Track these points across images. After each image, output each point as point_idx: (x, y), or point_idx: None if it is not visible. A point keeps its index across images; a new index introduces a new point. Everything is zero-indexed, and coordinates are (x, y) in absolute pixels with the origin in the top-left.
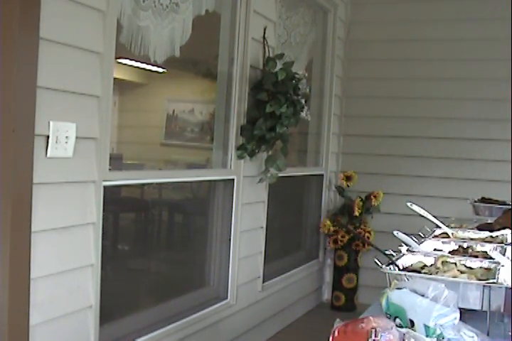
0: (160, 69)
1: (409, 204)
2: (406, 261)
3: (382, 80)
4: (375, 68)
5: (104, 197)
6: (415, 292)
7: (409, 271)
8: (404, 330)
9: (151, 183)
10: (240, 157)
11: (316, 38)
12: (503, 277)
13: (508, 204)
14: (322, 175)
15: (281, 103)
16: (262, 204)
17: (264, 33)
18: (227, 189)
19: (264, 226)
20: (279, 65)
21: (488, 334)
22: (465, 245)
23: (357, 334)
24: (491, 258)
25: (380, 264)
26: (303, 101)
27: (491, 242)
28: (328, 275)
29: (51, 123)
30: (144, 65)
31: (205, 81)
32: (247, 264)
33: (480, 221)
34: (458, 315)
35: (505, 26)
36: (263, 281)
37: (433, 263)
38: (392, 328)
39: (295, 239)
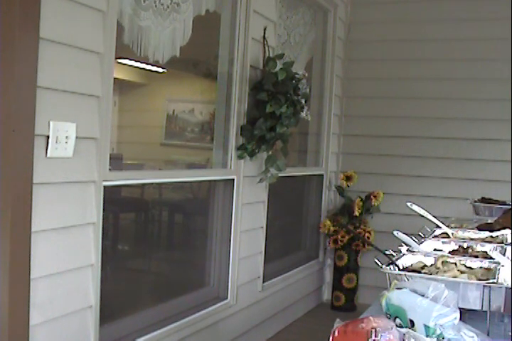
0: (160, 70)
1: (409, 204)
2: (406, 261)
3: (382, 80)
4: (375, 68)
5: (104, 197)
6: (415, 292)
7: (409, 271)
8: (404, 330)
9: (151, 183)
10: (240, 157)
11: (316, 38)
12: (503, 277)
13: (508, 204)
14: (322, 175)
15: (281, 103)
16: (262, 204)
17: (264, 33)
18: (227, 189)
19: (264, 226)
20: (279, 65)
21: (488, 334)
22: (465, 245)
23: (357, 334)
24: (491, 258)
25: (380, 264)
26: (303, 101)
27: (491, 242)
28: (328, 275)
29: (51, 123)
30: (144, 65)
31: (205, 81)
32: (247, 264)
33: (480, 221)
34: (458, 315)
35: (505, 26)
36: (263, 281)
37: (433, 263)
38: (392, 328)
39: (295, 239)
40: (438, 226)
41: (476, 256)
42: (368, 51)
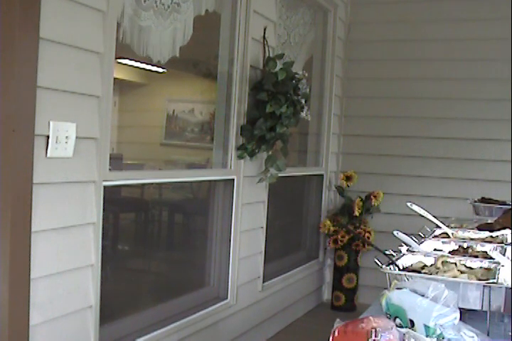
0: (160, 70)
1: (409, 204)
2: (406, 261)
3: (382, 80)
4: (375, 68)
5: (104, 197)
6: (415, 292)
7: (409, 271)
8: (404, 330)
9: (151, 183)
10: (240, 157)
11: (316, 37)
12: (503, 277)
13: (508, 204)
14: (322, 175)
15: (281, 103)
16: (262, 204)
17: (264, 33)
18: (227, 189)
19: (264, 226)
20: (279, 65)
21: (488, 334)
22: (465, 245)
23: (357, 334)
24: (491, 258)
25: (380, 264)
26: (303, 101)
27: (491, 242)
28: (328, 275)
29: (51, 123)
30: (144, 65)
31: (205, 81)
32: (247, 264)
33: (480, 221)
34: (458, 315)
35: (505, 26)
36: (263, 281)
37: (433, 263)
38: (392, 328)
39: (295, 239)
40: (438, 226)
41: (476, 256)
42: (368, 51)
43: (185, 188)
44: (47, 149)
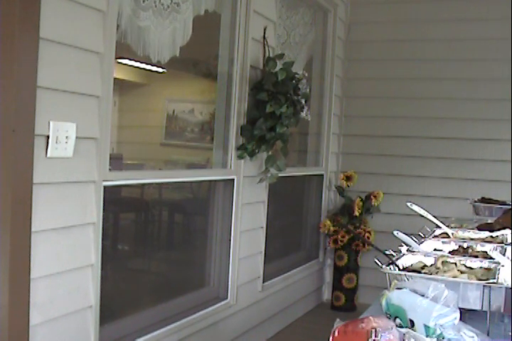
0: (160, 70)
1: (409, 204)
2: (406, 261)
3: (382, 80)
4: (375, 68)
5: (104, 197)
6: (415, 292)
7: (409, 271)
8: (404, 330)
9: (151, 183)
10: (240, 157)
11: (316, 38)
12: (503, 277)
13: (508, 204)
14: (322, 175)
15: (281, 103)
16: (262, 204)
17: (264, 33)
18: (227, 189)
19: (264, 226)
20: (279, 65)
21: (488, 334)
22: (465, 245)
23: (357, 334)
24: (491, 258)
25: (380, 264)
26: (303, 101)
27: (491, 242)
28: (328, 275)
29: (51, 123)
30: (144, 65)
31: (205, 81)
32: (247, 264)
33: (480, 221)
34: (458, 315)
35: (505, 26)
36: (263, 281)
37: (433, 263)
38: (392, 328)
39: (295, 239)
40: (438, 226)
41: (476, 256)
42: (368, 51)
43: (185, 188)
44: (47, 149)
